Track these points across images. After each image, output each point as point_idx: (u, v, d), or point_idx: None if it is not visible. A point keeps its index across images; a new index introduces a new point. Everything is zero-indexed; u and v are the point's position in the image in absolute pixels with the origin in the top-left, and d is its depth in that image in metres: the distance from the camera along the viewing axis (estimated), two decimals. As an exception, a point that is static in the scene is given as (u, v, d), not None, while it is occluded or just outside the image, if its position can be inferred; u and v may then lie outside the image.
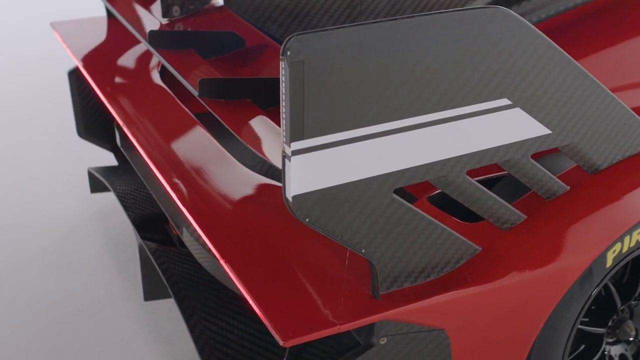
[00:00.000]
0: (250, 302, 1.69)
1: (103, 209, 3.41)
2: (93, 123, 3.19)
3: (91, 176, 3.20)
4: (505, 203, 1.79)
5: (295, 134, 1.43)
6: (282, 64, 1.37)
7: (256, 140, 1.74)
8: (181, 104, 2.50)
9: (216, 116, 1.77)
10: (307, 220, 1.53)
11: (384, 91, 1.48)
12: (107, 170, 3.14)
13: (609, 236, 1.88)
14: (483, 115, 1.62)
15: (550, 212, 1.86)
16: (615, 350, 2.18)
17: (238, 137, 1.72)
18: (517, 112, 1.66)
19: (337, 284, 1.74)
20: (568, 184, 1.88)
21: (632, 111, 1.86)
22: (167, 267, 2.42)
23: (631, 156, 1.92)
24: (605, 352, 2.15)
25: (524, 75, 1.63)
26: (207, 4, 2.33)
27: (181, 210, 2.20)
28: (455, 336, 1.81)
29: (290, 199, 1.49)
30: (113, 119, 2.82)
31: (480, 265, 1.78)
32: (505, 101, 1.63)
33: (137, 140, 2.30)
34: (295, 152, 1.45)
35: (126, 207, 2.75)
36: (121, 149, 2.75)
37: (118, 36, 3.01)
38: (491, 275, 1.78)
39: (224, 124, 1.76)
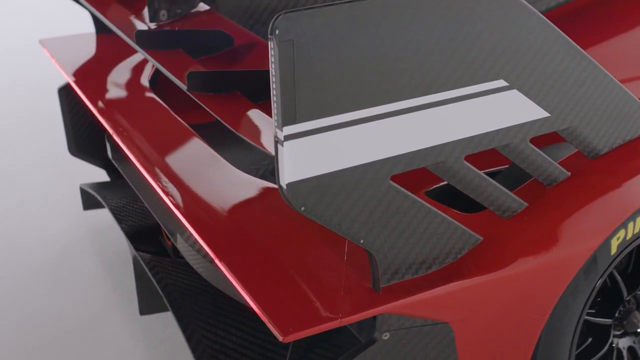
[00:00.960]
0: (248, 299, 1.63)
1: (96, 226, 3.35)
2: (84, 140, 3.15)
3: (83, 193, 3.15)
4: (506, 190, 1.74)
5: (287, 118, 1.39)
6: (270, 44, 1.33)
7: (250, 131, 1.70)
8: (172, 113, 2.47)
9: (207, 109, 1.73)
10: (302, 209, 1.48)
11: (377, 72, 1.44)
12: (99, 186, 3.09)
13: (612, 222, 1.83)
14: (480, 98, 1.58)
15: (552, 199, 1.81)
16: (623, 343, 2.12)
17: (231, 128, 1.67)
18: (514, 94, 1.62)
19: (336, 279, 1.69)
20: (569, 170, 1.83)
21: (631, 93, 1.82)
22: (162, 277, 2.37)
23: (631, 140, 1.88)
24: (613, 345, 2.09)
25: (520, 56, 1.59)
26: (194, 7, 2.29)
27: (174, 215, 2.16)
28: (460, 330, 1.75)
29: (285, 187, 1.44)
30: (104, 132, 2.79)
31: (482, 255, 1.74)
32: (501, 83, 1.59)
33: (128, 148, 2.26)
34: (288, 137, 1.41)
35: (119, 220, 2.70)
36: (112, 161, 2.71)
37: (107, 51, 2.99)
38: (494, 265, 1.73)
39: (215, 116, 1.72)
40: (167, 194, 2.04)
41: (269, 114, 1.66)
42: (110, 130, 2.37)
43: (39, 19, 6.12)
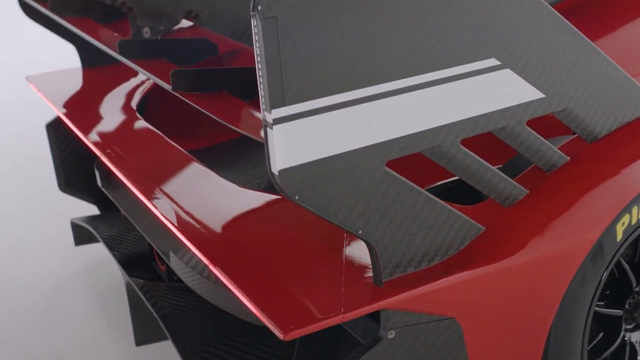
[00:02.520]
0: (245, 301, 1.57)
1: (89, 262, 3.28)
2: (74, 176, 3.11)
3: (75, 227, 3.09)
4: (506, 176, 1.69)
5: (275, 100, 1.34)
6: (253, 22, 1.29)
7: (241, 122, 1.64)
8: (161, 134, 2.42)
9: (196, 107, 1.68)
10: (297, 197, 1.42)
11: (365, 50, 1.40)
12: (90, 219, 3.03)
13: (615, 207, 1.78)
14: (472, 78, 1.54)
15: (553, 185, 1.77)
16: (636, 337, 2.05)
17: (220, 120, 1.62)
18: (507, 73, 1.58)
19: (337, 277, 1.63)
20: (568, 154, 1.79)
21: (626, 74, 1.78)
22: (156, 300, 2.30)
23: (629, 122, 1.84)
24: (625, 339, 2.02)
25: (510, 34, 1.56)
26: (177, 24, 2.26)
27: (167, 231, 2.11)
28: (468, 325, 1.69)
29: (276, 173, 1.39)
30: (93, 166, 2.75)
31: (485, 245, 1.68)
32: (493, 61, 1.56)
33: (119, 169, 2.21)
34: (277, 121, 1.36)
35: (111, 248, 2.64)
36: (102, 189, 2.65)
37: (94, 83, 2.97)
38: (498, 254, 1.67)
39: (206, 112, 1.67)
40: (158, 208, 1.98)
41: (259, 110, 1.61)
42: (99, 154, 2.32)
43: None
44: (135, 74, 3.01)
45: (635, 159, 1.82)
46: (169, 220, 1.92)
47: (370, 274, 1.62)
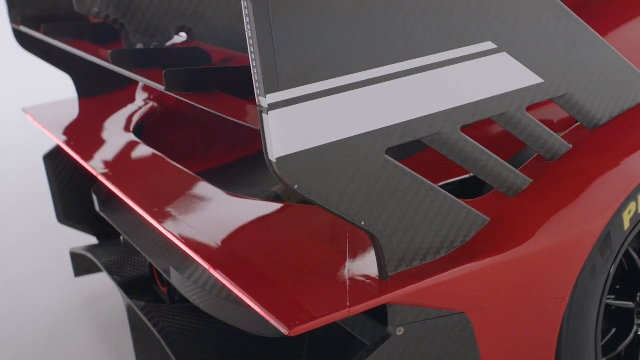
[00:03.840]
0: (247, 300, 1.52)
1: (89, 294, 3.23)
2: (73, 207, 3.07)
3: (74, 258, 3.05)
4: (508, 165, 1.66)
5: (270, 85, 1.32)
6: (243, 4, 1.27)
7: (240, 115, 1.61)
8: (160, 155, 2.40)
9: (193, 104, 1.65)
10: (296, 187, 1.39)
11: (358, 33, 1.38)
12: (89, 247, 2.99)
13: (620, 195, 1.74)
14: (469, 62, 1.52)
15: (556, 174, 1.73)
16: (650, 331, 2.00)
17: (221, 114, 1.59)
18: (504, 57, 1.56)
19: (341, 272, 1.59)
20: (570, 142, 1.76)
21: (626, 60, 1.76)
22: (158, 320, 2.25)
23: (630, 109, 1.81)
24: (639, 333, 1.97)
25: (505, 16, 1.54)
26: (170, 39, 2.25)
27: (167, 245, 2.07)
28: (478, 320, 1.64)
29: (274, 161, 1.35)
30: (91, 195, 2.73)
31: (491, 236, 1.64)
32: (489, 45, 1.53)
33: (118, 187, 2.17)
34: (273, 106, 1.33)
35: (111, 272, 2.59)
36: (101, 213, 2.62)
37: (92, 112, 2.95)
38: (505, 245, 1.64)
39: (202, 107, 1.64)
40: (158, 221, 1.93)
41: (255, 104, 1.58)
42: (98, 175, 2.29)
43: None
44: (132, 99, 2.99)
45: (638, 146, 1.78)
46: (169, 232, 1.89)
47: (375, 269, 1.57)
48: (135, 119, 2.83)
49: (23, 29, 2.68)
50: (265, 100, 1.32)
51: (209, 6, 2.28)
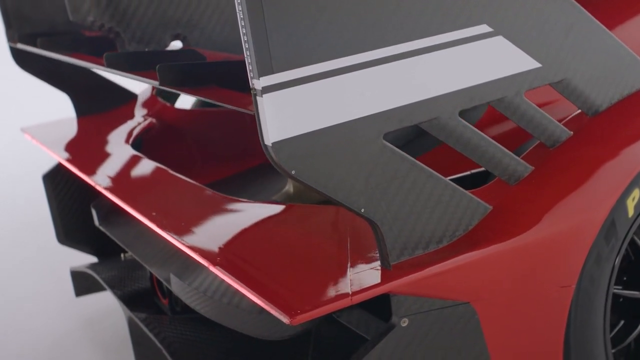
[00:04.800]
0: (247, 294, 1.49)
1: (89, 315, 3.19)
2: (73, 227, 3.05)
3: (75, 277, 3.01)
4: (509, 152, 1.64)
5: (263, 68, 1.30)
6: (235, -17, 1.26)
7: (237, 102, 1.58)
8: (160, 165, 2.38)
9: (187, 95, 1.63)
10: (293, 172, 1.37)
11: (353, 15, 1.37)
12: (90, 265, 2.97)
13: (622, 181, 1.72)
14: (465, 45, 1.51)
15: (558, 161, 1.71)
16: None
17: (216, 102, 1.57)
18: (501, 41, 1.55)
19: (343, 263, 1.56)
20: (570, 129, 1.74)
21: (625, 45, 1.75)
22: (160, 331, 2.22)
23: (630, 95, 1.79)
24: (649, 326, 1.94)
25: None
26: (165, 47, 2.25)
27: (166, 253, 2.04)
28: (484, 310, 1.61)
29: (270, 145, 1.34)
30: (92, 199, 2.71)
31: (495, 224, 1.62)
32: (485, 28, 1.52)
33: (118, 197, 2.15)
34: (266, 89, 1.31)
35: (111, 286, 2.56)
36: (100, 227, 2.60)
37: (91, 130, 2.95)
38: (508, 233, 1.61)
39: (198, 97, 1.62)
40: (158, 225, 1.91)
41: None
42: (97, 186, 2.27)
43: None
44: (131, 117, 2.99)
45: (639, 132, 1.77)
46: (166, 233, 1.86)
47: (378, 260, 1.55)
48: (134, 135, 2.82)
49: (20, 45, 2.68)
50: (258, 83, 1.30)
51: (204, 14, 2.28)
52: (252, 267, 1.61)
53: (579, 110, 1.79)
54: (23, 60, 2.89)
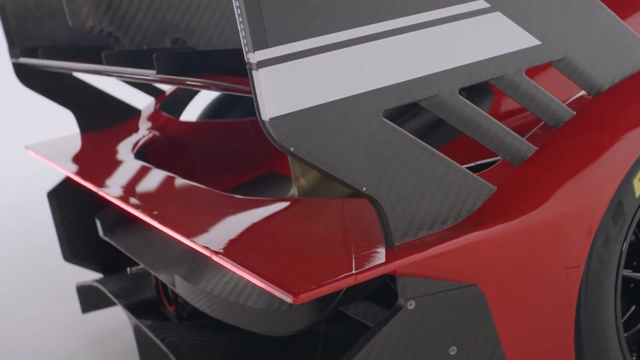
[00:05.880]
0: (248, 276, 1.47)
1: (97, 333, 3.16)
2: (78, 243, 3.03)
3: (81, 292, 2.99)
4: (512, 131, 1.62)
5: (258, 42, 1.29)
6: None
7: (234, 84, 1.57)
8: (168, 173, 2.37)
9: (183, 87, 1.63)
10: (292, 149, 1.36)
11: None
12: (96, 279, 2.94)
13: (627, 160, 1.69)
14: (462, 21, 1.50)
15: (561, 141, 1.69)
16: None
17: (213, 82, 1.56)
18: (498, 17, 1.54)
19: (347, 244, 1.54)
20: (573, 110, 1.72)
21: (625, 24, 1.74)
22: (166, 336, 2.19)
23: (632, 75, 1.77)
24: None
25: None
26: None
27: (171, 257, 2.03)
28: (492, 292, 1.58)
29: (267, 120, 1.32)
30: (95, 226, 2.70)
31: (500, 204, 1.59)
32: (482, 3, 1.51)
33: (122, 201, 2.13)
34: (261, 64, 1.30)
35: (117, 297, 2.54)
36: (105, 238, 2.58)
37: (96, 144, 2.94)
38: (513, 213, 1.59)
39: (194, 88, 1.61)
40: (162, 223, 1.89)
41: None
42: (101, 192, 2.26)
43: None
44: (136, 130, 2.98)
45: (643, 111, 1.75)
46: (172, 229, 1.84)
47: (382, 243, 1.52)
48: (139, 147, 2.81)
49: (22, 60, 2.69)
50: (254, 57, 1.29)
51: (203, 18, 2.28)
52: (254, 253, 1.59)
53: (582, 92, 1.77)
54: (26, 76, 2.90)
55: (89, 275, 3.15)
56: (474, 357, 1.59)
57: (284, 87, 1.33)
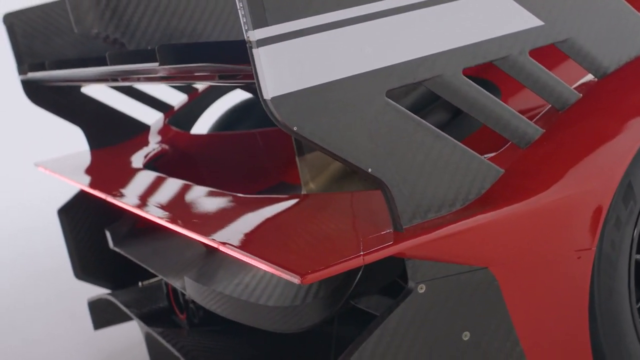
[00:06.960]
0: (257, 263, 1.45)
1: (109, 352, 3.14)
2: (90, 260, 3.03)
3: (92, 308, 2.97)
4: (518, 113, 1.61)
5: (257, 19, 1.29)
6: None
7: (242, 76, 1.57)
8: (180, 180, 2.37)
9: (183, 82, 1.63)
10: (295, 129, 1.35)
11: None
12: (108, 294, 2.93)
13: (635, 142, 1.67)
14: (465, 0, 1.49)
15: (568, 123, 1.68)
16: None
17: (214, 64, 1.56)
18: (499, -4, 1.54)
19: (354, 228, 1.53)
20: (579, 92, 1.71)
21: (630, 6, 1.73)
22: (177, 341, 2.17)
23: (638, 56, 1.76)
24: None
25: None
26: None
27: (182, 261, 2.02)
28: (503, 276, 1.56)
29: (269, 99, 1.32)
30: (106, 242, 2.70)
31: (507, 186, 1.58)
32: (484, -17, 1.51)
33: (133, 206, 2.13)
34: (262, 42, 1.30)
35: (128, 306, 2.52)
36: (115, 249, 2.58)
37: (106, 160, 2.95)
38: (521, 194, 1.57)
39: (195, 80, 1.61)
40: (166, 219, 1.88)
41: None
42: (112, 199, 2.25)
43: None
44: (146, 145, 2.99)
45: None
46: (181, 227, 1.82)
47: (390, 226, 1.51)
48: (149, 160, 2.82)
49: (31, 75, 2.71)
50: (253, 34, 1.29)
51: (208, 24, 2.29)
52: (261, 241, 1.58)
53: (588, 75, 1.76)
54: (34, 93, 2.92)
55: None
56: (488, 343, 1.56)
57: (285, 66, 1.32)
